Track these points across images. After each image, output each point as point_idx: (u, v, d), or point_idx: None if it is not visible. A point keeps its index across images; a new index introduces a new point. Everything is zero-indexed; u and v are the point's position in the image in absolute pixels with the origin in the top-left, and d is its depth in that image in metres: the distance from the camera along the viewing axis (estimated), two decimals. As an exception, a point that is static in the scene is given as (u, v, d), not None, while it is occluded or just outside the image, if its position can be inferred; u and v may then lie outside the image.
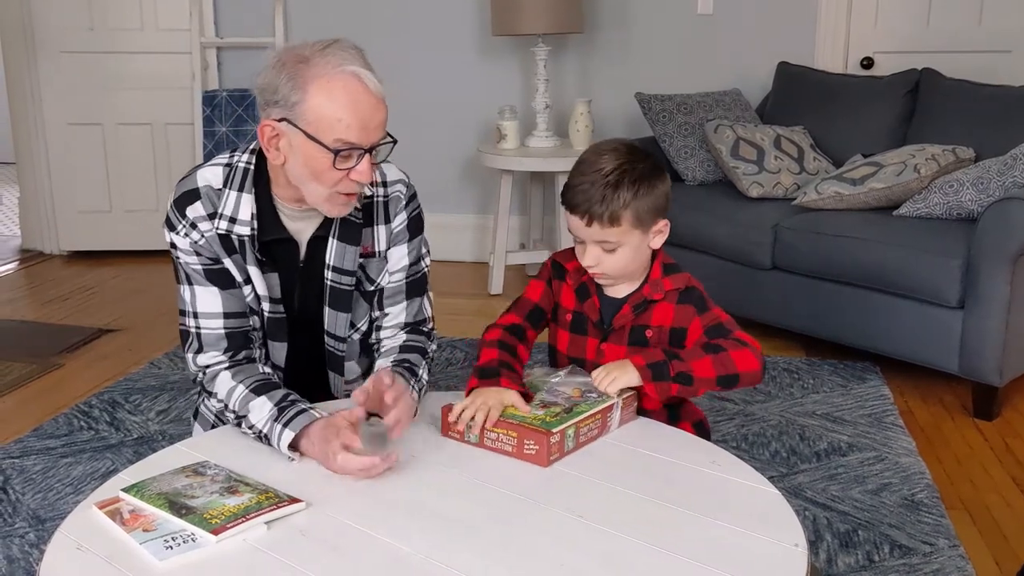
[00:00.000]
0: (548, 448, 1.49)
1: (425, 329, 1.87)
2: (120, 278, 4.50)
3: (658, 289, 1.74)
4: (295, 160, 1.60)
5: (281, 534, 1.31)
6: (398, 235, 1.80)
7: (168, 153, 4.76)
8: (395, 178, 1.80)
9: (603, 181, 1.65)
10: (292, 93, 1.55)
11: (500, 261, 4.11)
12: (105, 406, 2.98)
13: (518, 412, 1.56)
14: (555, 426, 1.51)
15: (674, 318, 1.74)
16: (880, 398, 2.95)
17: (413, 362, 1.76)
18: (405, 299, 1.84)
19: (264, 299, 1.74)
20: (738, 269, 3.36)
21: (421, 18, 4.49)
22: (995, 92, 3.43)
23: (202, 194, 1.69)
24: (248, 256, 1.70)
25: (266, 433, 1.57)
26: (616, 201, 1.64)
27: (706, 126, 3.70)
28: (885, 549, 2.13)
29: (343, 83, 1.55)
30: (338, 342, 1.82)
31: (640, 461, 1.53)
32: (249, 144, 1.74)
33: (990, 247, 2.72)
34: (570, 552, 1.27)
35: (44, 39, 4.63)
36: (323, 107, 1.54)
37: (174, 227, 1.71)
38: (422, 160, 4.41)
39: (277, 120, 1.58)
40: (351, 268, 1.76)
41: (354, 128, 1.55)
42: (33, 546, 2.20)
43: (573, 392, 1.64)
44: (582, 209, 1.66)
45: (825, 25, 4.09)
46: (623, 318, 1.75)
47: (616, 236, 1.67)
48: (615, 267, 1.71)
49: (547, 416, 1.55)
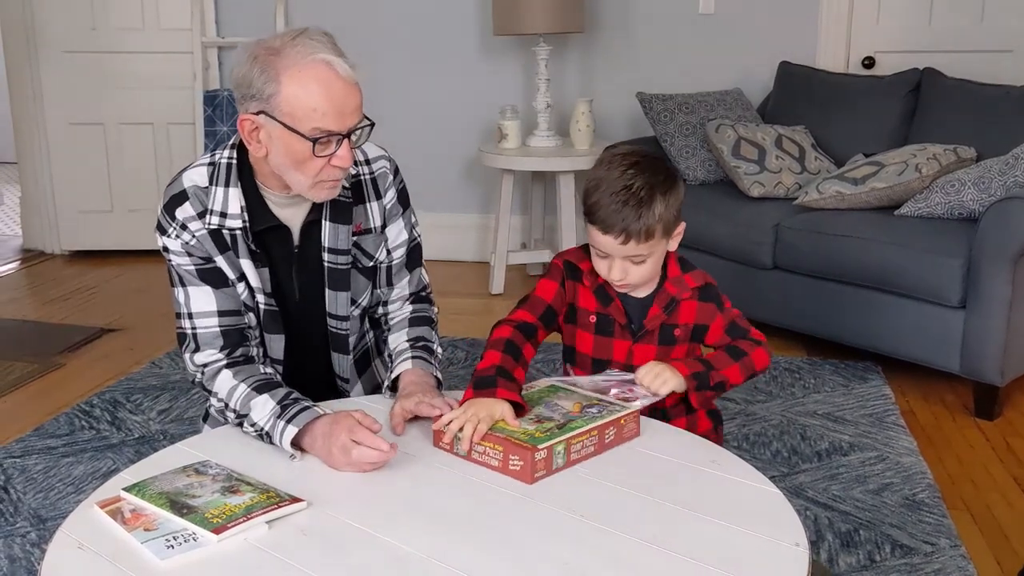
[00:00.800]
0: (532, 465, 1.44)
1: (425, 294, 1.93)
2: (121, 278, 4.50)
3: (683, 287, 1.76)
4: (276, 151, 1.62)
5: (282, 533, 1.31)
6: (391, 211, 1.84)
7: (170, 153, 4.76)
8: (376, 155, 1.83)
9: (635, 199, 1.63)
10: (266, 85, 1.57)
11: (501, 261, 4.11)
12: (106, 405, 2.98)
13: (507, 426, 1.53)
14: (543, 442, 1.47)
15: (697, 316, 1.77)
16: (881, 398, 2.95)
17: (427, 338, 1.83)
18: (407, 271, 1.89)
19: (258, 291, 1.75)
20: (739, 269, 3.36)
21: (422, 18, 4.49)
22: (996, 92, 3.42)
23: (190, 195, 1.70)
24: (241, 249, 1.71)
25: (268, 430, 1.57)
26: (651, 216, 1.64)
27: (707, 126, 3.69)
28: (886, 549, 2.13)
29: (314, 72, 1.56)
30: (340, 321, 1.84)
31: (641, 460, 1.53)
32: (229, 140, 1.75)
33: (991, 247, 2.71)
34: (571, 552, 1.27)
35: (46, 39, 4.64)
36: (297, 97, 1.56)
37: (165, 231, 1.72)
38: (423, 159, 4.42)
39: (255, 113, 1.60)
40: (345, 247, 1.78)
41: (330, 115, 1.57)
42: (35, 545, 2.20)
43: (573, 407, 1.60)
44: (618, 229, 1.64)
45: (826, 25, 4.09)
46: (655, 319, 1.76)
47: (648, 249, 1.67)
48: (642, 277, 1.72)
49: (537, 432, 1.50)
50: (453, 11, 4.46)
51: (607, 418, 1.55)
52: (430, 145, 4.45)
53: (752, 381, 1.67)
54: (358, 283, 1.84)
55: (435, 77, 4.51)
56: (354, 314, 1.86)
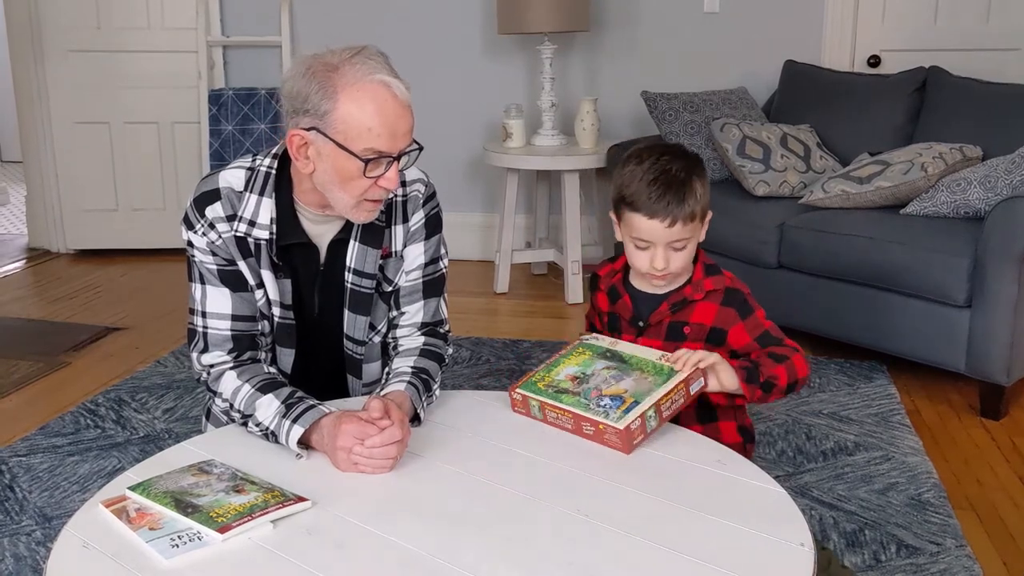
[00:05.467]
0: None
1: (442, 331, 1.87)
2: (127, 276, 4.51)
3: (699, 289, 1.76)
4: (324, 168, 1.60)
5: (287, 533, 1.31)
6: (414, 233, 1.80)
7: (175, 152, 4.77)
8: (414, 177, 1.80)
9: (676, 182, 1.68)
10: (323, 102, 1.55)
11: (506, 260, 4.11)
12: (111, 404, 2.98)
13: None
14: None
15: (715, 318, 1.76)
16: (887, 397, 2.94)
17: (430, 373, 1.74)
18: (422, 299, 1.83)
19: (275, 304, 1.74)
20: (744, 268, 3.35)
21: (427, 17, 4.49)
22: (1002, 90, 3.41)
23: (223, 195, 1.69)
24: (263, 260, 1.70)
25: (273, 430, 1.57)
26: (692, 197, 1.69)
27: (712, 124, 3.69)
28: (892, 549, 2.13)
29: (372, 92, 1.55)
30: (357, 345, 1.82)
31: (646, 460, 1.53)
32: (271, 148, 1.74)
33: (997, 246, 2.71)
34: (577, 551, 1.27)
35: (51, 38, 4.64)
36: (353, 115, 1.55)
37: (192, 225, 1.71)
38: (428, 158, 4.39)
39: (306, 129, 1.58)
40: (372, 271, 1.76)
41: (384, 136, 1.56)
42: (40, 544, 2.20)
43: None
44: (665, 213, 1.67)
45: (832, 23, 4.08)
46: (660, 314, 1.77)
47: (690, 232, 1.71)
48: (682, 263, 1.73)
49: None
50: (457, 10, 4.46)
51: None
52: (434, 144, 4.39)
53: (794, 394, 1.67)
54: (379, 309, 1.82)
55: (440, 76, 4.51)
56: (373, 340, 1.84)
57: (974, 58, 3.77)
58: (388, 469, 1.48)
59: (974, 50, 3.83)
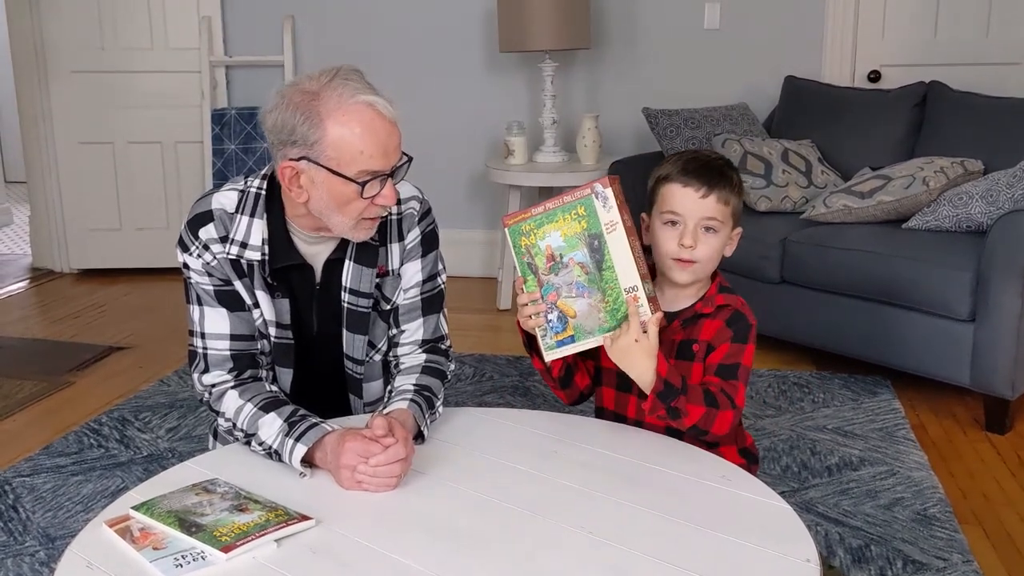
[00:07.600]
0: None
1: (443, 347, 1.86)
2: (130, 296, 4.51)
3: (710, 304, 1.76)
4: (319, 195, 1.60)
5: (291, 552, 1.31)
6: (411, 251, 1.80)
7: (178, 171, 4.78)
8: (408, 195, 1.80)
9: (715, 164, 1.72)
10: (310, 131, 1.55)
11: (508, 276, 4.11)
12: (115, 424, 2.98)
13: None
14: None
15: (714, 335, 1.73)
16: (891, 412, 2.94)
17: (433, 390, 1.73)
18: (422, 316, 1.83)
19: (272, 324, 1.74)
20: (746, 283, 3.35)
21: (429, 35, 4.51)
22: (1003, 104, 3.42)
23: (215, 216, 1.70)
24: (256, 280, 1.70)
25: (277, 449, 1.57)
26: (729, 184, 1.72)
27: (713, 140, 3.70)
28: (898, 564, 2.12)
29: (359, 114, 1.55)
30: (357, 364, 1.82)
31: (649, 475, 1.53)
32: (261, 170, 1.75)
33: (1000, 260, 2.70)
34: (580, 567, 1.26)
35: (55, 58, 4.67)
36: (344, 141, 1.55)
37: (187, 248, 1.71)
38: (430, 176, 4.40)
39: (296, 159, 1.58)
40: (368, 290, 1.76)
41: (376, 157, 1.57)
42: (43, 564, 2.20)
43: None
44: (702, 180, 1.69)
45: (832, 39, 4.09)
46: (672, 331, 1.75)
47: (723, 215, 1.71)
48: (708, 253, 1.72)
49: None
50: (459, 28, 4.48)
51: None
52: (437, 161, 4.46)
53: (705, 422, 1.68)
54: (377, 328, 1.81)
55: (442, 93, 4.53)
56: (374, 359, 1.84)
57: (974, 72, 3.78)
58: (392, 487, 1.48)
59: (974, 64, 3.84)
